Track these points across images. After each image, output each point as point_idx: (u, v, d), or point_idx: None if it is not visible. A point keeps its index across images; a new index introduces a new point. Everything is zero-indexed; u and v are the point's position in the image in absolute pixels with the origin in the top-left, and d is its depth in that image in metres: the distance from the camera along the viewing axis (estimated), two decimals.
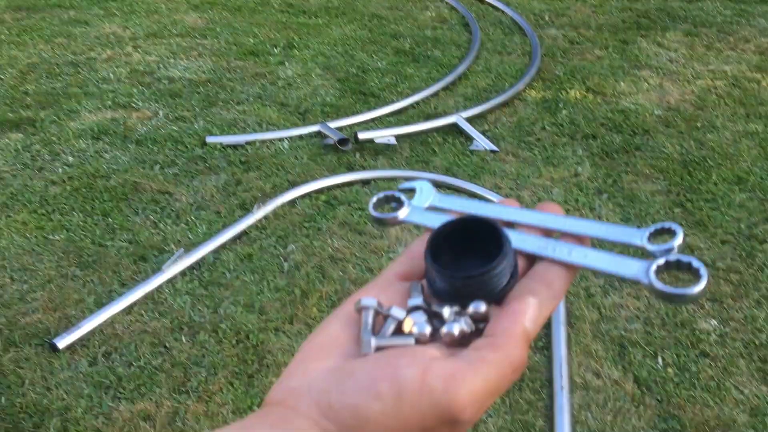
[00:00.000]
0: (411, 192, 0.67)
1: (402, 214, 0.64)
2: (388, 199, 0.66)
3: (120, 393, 2.28)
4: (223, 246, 2.90)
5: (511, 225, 0.60)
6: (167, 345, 2.46)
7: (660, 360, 2.37)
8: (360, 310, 0.52)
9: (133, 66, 4.64)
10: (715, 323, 2.51)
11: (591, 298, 2.63)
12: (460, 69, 4.61)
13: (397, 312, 0.52)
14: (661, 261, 0.52)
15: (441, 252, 0.55)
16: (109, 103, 4.13)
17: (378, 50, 5.00)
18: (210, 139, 3.69)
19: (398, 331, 0.52)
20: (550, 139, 3.80)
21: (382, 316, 0.53)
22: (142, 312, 2.59)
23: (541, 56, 4.82)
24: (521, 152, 3.68)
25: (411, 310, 0.53)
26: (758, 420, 2.15)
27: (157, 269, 2.75)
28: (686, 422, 2.14)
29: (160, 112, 4.04)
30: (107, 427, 2.17)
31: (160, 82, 4.42)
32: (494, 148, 3.69)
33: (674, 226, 0.55)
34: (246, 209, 3.15)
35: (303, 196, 3.25)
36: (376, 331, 0.52)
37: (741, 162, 3.54)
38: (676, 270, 0.52)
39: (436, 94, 4.33)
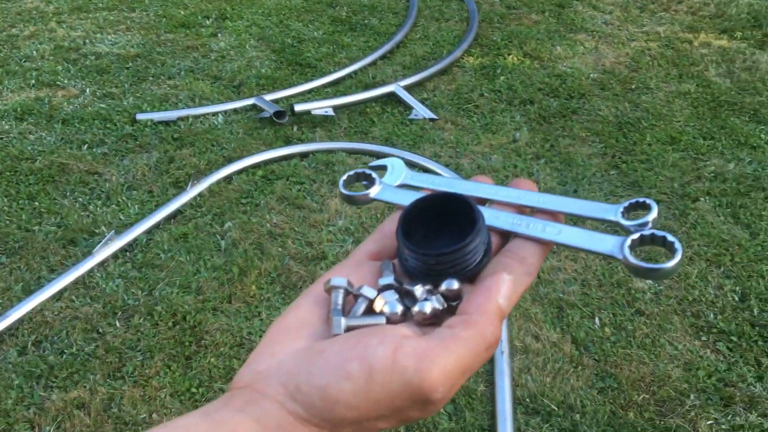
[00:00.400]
0: (382, 170, 0.67)
1: (373, 192, 0.64)
2: (359, 177, 0.65)
3: (52, 382, 2.21)
4: (156, 226, 2.82)
5: (483, 202, 0.60)
6: (100, 330, 2.38)
7: (597, 320, 2.41)
8: (330, 290, 0.51)
9: (58, 42, 4.44)
10: (650, 282, 2.55)
11: None
12: (398, 37, 4.55)
13: (368, 291, 0.51)
14: (636, 236, 0.52)
15: (413, 230, 0.54)
16: (33, 81, 3.95)
17: (314, 19, 4.90)
18: (140, 116, 3.56)
19: (369, 310, 0.51)
20: (488, 106, 3.79)
21: (352, 296, 0.52)
22: (73, 298, 2.50)
23: (478, 22, 4.79)
24: (460, 120, 3.66)
25: (382, 289, 0.52)
26: (692, 374, 2.21)
27: (87, 253, 2.66)
28: (623, 380, 2.18)
29: (87, 90, 3.88)
30: (40, 417, 2.10)
31: (86, 59, 4.24)
32: (433, 116, 3.67)
33: (648, 201, 0.55)
34: (180, 187, 3.06)
35: (239, 172, 3.18)
36: (346, 311, 0.51)
37: (674, 122, 3.60)
38: (651, 245, 0.52)
39: (374, 64, 4.27)
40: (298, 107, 3.55)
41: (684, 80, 4.03)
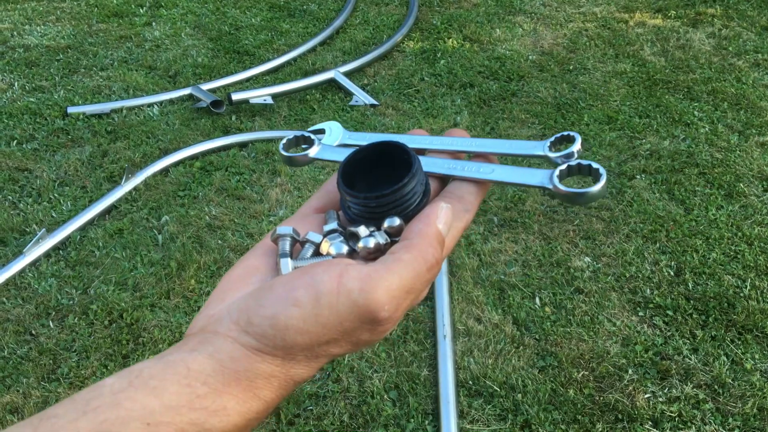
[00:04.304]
0: (321, 132, 0.70)
1: (312, 152, 0.66)
2: (298, 140, 0.67)
3: None
4: (90, 222, 2.74)
5: (422, 152, 0.62)
6: (33, 332, 2.31)
7: (537, 300, 2.43)
8: (277, 239, 0.53)
9: None
10: (588, 260, 2.59)
11: (471, 246, 2.66)
12: (338, 22, 4.51)
13: (314, 237, 0.53)
14: (564, 167, 0.55)
15: (355, 180, 0.56)
16: None
17: (251, 6, 4.81)
18: (72, 110, 3.45)
19: (316, 255, 0.53)
20: (429, 90, 3.79)
21: (299, 243, 0.54)
22: (4, 299, 2.41)
23: (418, 6, 4.78)
24: (401, 105, 3.65)
25: (327, 234, 0.54)
26: (629, 349, 2.25)
27: (18, 253, 2.57)
28: (563, 358, 2.21)
29: (16, 84, 3.74)
30: None
31: (14, 51, 4.09)
32: (374, 102, 3.65)
33: (573, 133, 0.58)
34: (114, 182, 2.98)
35: (176, 164, 3.11)
36: (294, 256, 0.53)
37: (611, 101, 3.65)
38: (578, 174, 0.55)
39: (313, 50, 4.22)
40: (236, 96, 3.48)
41: (620, 60, 4.09)
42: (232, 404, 0.45)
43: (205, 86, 3.67)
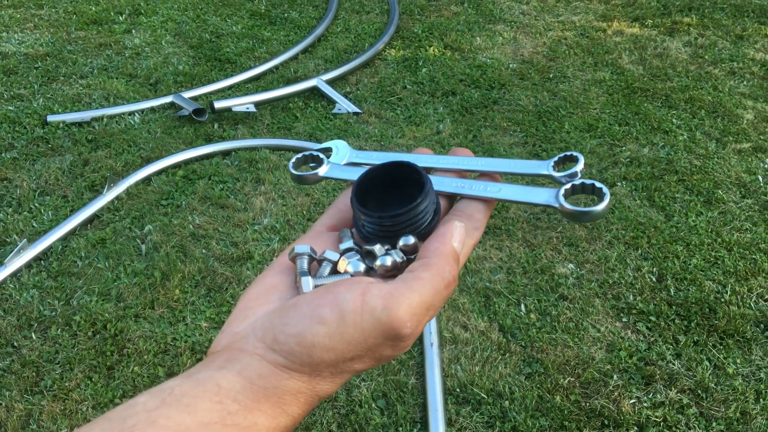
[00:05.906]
0: (328, 151, 0.71)
1: (322, 171, 0.67)
2: (306, 159, 0.69)
3: None
4: (72, 232, 2.71)
5: (428, 171, 0.63)
6: (15, 344, 2.27)
7: (523, 307, 2.45)
8: (294, 257, 0.54)
9: None
10: (572, 267, 2.62)
11: None
12: (319, 30, 4.52)
13: (331, 255, 0.55)
14: (569, 186, 0.57)
15: (366, 199, 0.58)
16: None
17: (232, 13, 4.80)
18: (51, 118, 3.42)
19: (334, 272, 0.54)
20: (411, 98, 3.80)
21: (316, 262, 0.55)
22: None
23: (399, 14, 4.80)
24: (384, 113, 3.66)
25: (344, 252, 0.55)
26: (614, 355, 2.27)
27: None
28: (548, 364, 2.22)
29: None
30: None
31: None
32: (357, 110, 3.65)
33: (575, 154, 0.60)
34: (96, 191, 2.95)
35: (159, 173, 3.08)
36: (312, 274, 0.54)
37: (591, 109, 3.69)
38: (582, 193, 0.58)
39: (295, 58, 4.22)
40: (218, 104, 3.47)
41: (599, 68, 4.15)
42: (262, 420, 0.46)
43: (187, 94, 3.65)
